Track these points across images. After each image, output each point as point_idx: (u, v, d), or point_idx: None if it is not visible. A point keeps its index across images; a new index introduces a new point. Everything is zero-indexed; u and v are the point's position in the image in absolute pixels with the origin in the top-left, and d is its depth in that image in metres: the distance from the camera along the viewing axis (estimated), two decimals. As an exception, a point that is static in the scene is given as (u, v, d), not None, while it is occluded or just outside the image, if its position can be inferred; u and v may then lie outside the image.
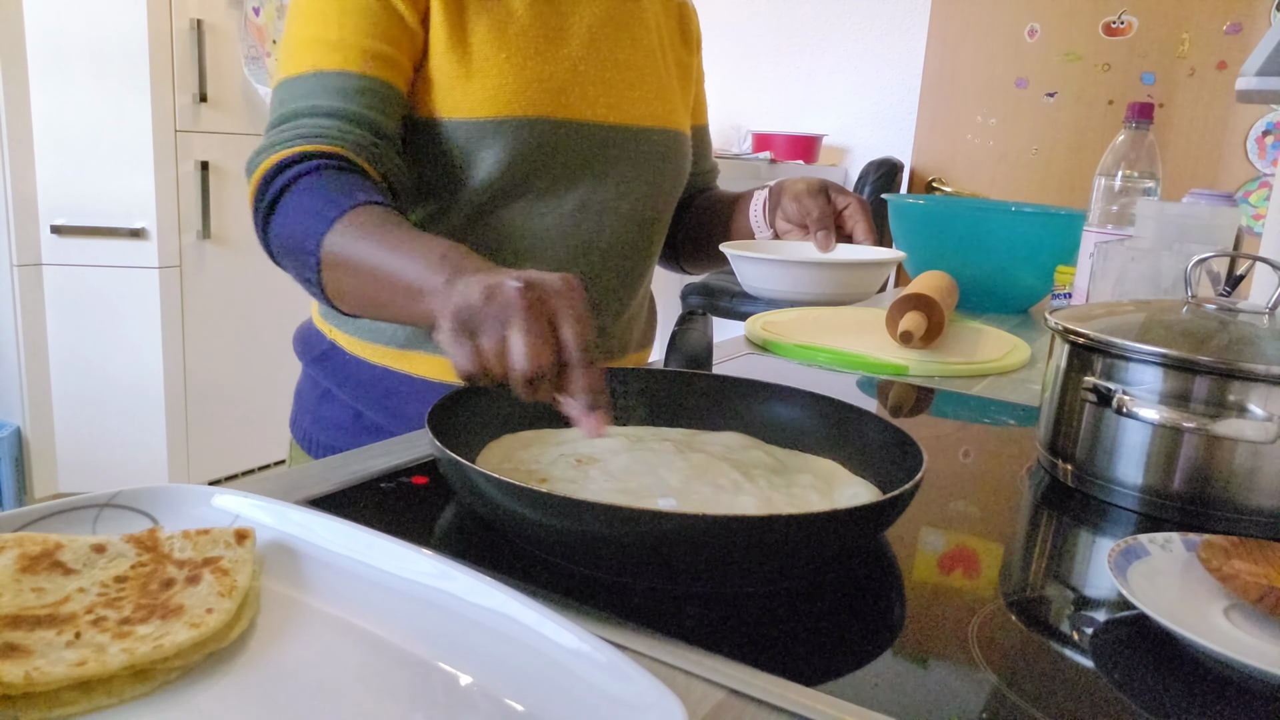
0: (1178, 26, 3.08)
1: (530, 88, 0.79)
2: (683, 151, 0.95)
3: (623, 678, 0.35)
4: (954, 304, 1.26)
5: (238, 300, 2.38)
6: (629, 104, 0.86)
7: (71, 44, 2.10)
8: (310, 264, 0.70)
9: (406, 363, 0.85)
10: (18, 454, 2.21)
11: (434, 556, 0.43)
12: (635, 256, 0.91)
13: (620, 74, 0.86)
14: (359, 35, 0.76)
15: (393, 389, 0.85)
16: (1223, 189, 2.72)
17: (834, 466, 0.62)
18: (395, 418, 0.86)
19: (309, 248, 0.69)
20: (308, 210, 0.70)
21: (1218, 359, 0.59)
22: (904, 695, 0.39)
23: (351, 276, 0.68)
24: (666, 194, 0.94)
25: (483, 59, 0.78)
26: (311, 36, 0.77)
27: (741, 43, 3.89)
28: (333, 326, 0.90)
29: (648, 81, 0.89)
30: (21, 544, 0.41)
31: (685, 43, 0.99)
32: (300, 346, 0.94)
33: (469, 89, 0.78)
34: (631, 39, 0.88)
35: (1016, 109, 3.37)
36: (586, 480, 0.57)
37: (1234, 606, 0.47)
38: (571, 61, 0.82)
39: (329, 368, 0.89)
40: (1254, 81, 0.99)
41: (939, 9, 3.45)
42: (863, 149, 3.71)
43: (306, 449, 0.92)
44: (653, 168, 0.90)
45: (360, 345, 0.87)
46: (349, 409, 0.88)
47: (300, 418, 0.93)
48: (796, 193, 0.90)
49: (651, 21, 0.92)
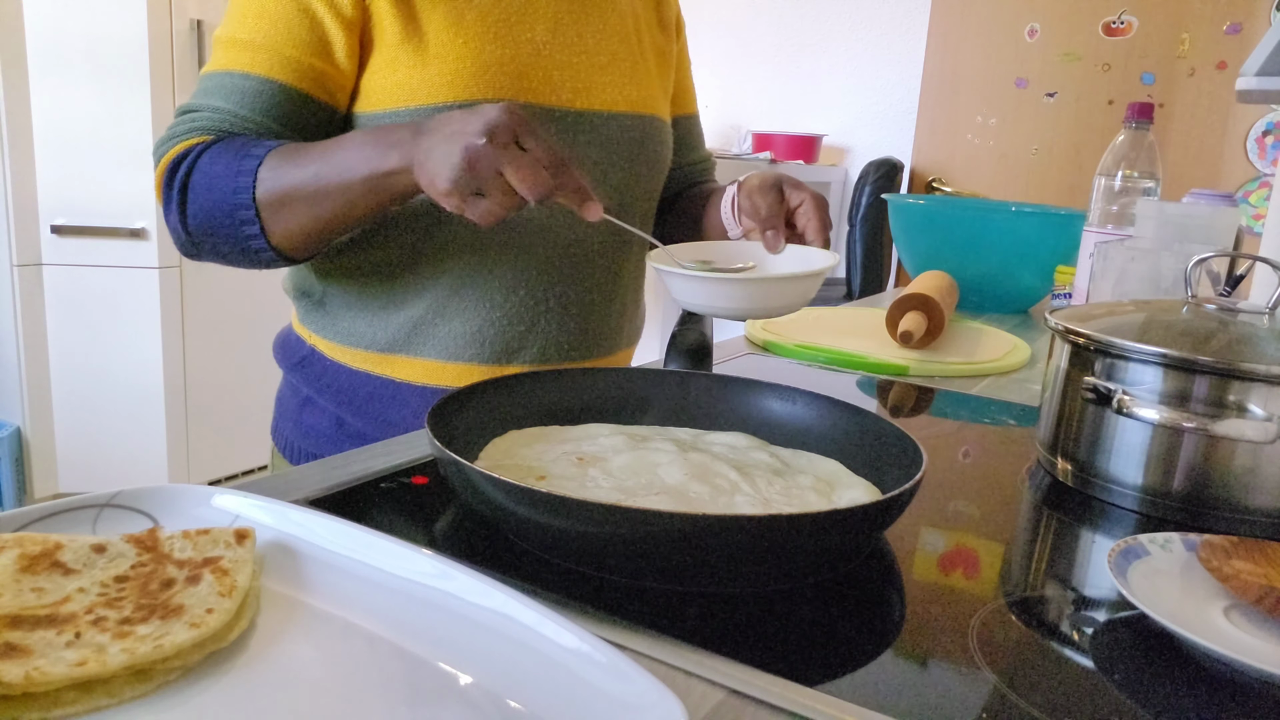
0: (1178, 26, 3.08)
1: (489, 71, 0.78)
2: (661, 138, 0.93)
3: (623, 678, 0.35)
4: (954, 304, 1.26)
5: (238, 300, 2.38)
6: (599, 88, 0.85)
7: (71, 44, 2.10)
8: (248, 217, 0.71)
9: (388, 367, 0.84)
10: (18, 454, 2.21)
11: (434, 556, 0.42)
12: (616, 248, 0.89)
13: (589, 58, 0.84)
14: (271, 40, 0.75)
15: (374, 394, 0.85)
16: (1223, 189, 2.72)
17: (837, 467, 0.62)
18: (378, 423, 0.85)
19: (242, 201, 0.71)
20: (222, 175, 0.72)
21: (1218, 359, 0.59)
22: (904, 695, 0.39)
23: (301, 205, 0.70)
24: (646, 181, 0.92)
25: (440, 45, 0.77)
26: (228, 36, 0.77)
27: (741, 43, 3.89)
28: (312, 332, 0.88)
29: (620, 65, 0.87)
30: (21, 544, 0.41)
31: (663, 28, 0.97)
32: (280, 353, 0.92)
33: (426, 75, 0.77)
34: (601, 23, 0.86)
35: (1016, 109, 3.37)
36: (585, 479, 0.57)
37: (1234, 606, 0.47)
38: (534, 45, 0.81)
39: (309, 374, 0.88)
40: (1254, 81, 0.99)
41: (939, 9, 3.45)
42: (863, 149, 3.71)
43: (288, 457, 0.91)
44: (627, 154, 0.88)
45: (340, 350, 0.86)
46: (330, 415, 0.87)
47: (281, 425, 0.92)
48: (750, 189, 0.86)
49: (625, 6, 0.90)
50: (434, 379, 0.83)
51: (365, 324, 0.84)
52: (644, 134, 0.89)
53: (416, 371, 0.83)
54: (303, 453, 0.89)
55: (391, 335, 0.83)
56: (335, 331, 0.86)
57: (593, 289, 0.87)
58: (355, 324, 0.84)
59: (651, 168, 0.92)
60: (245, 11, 0.76)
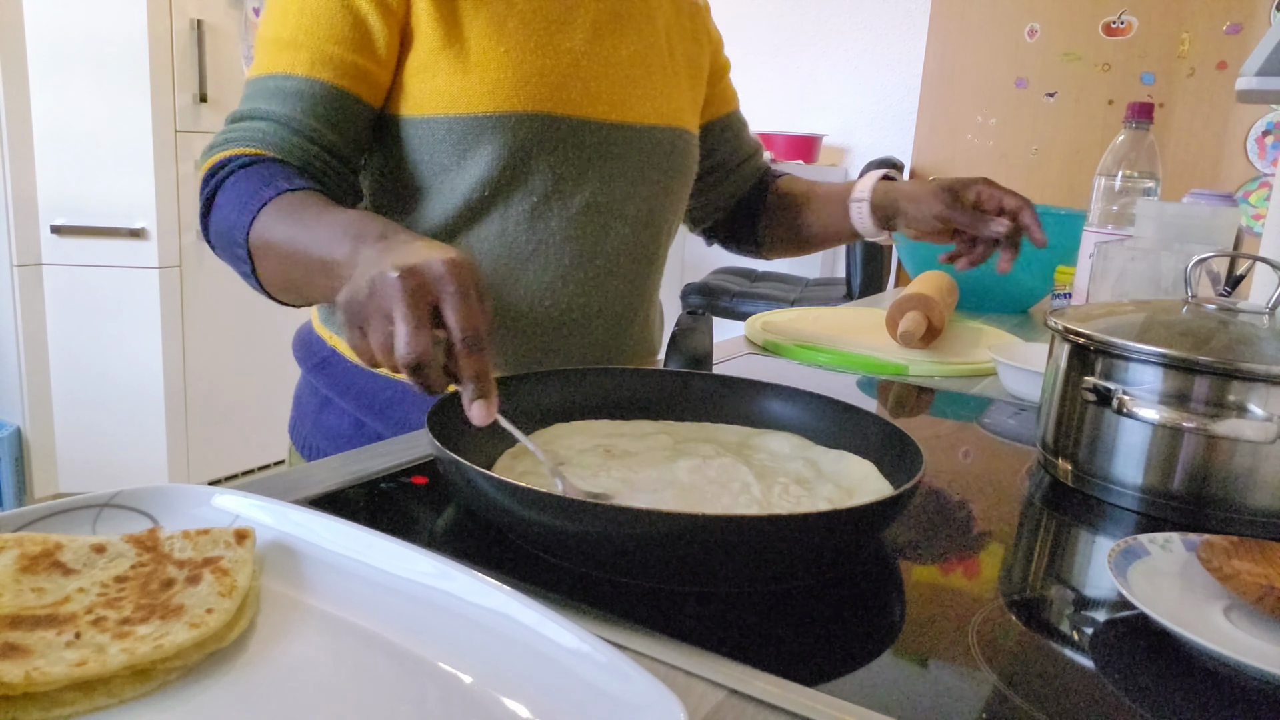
0: (1178, 26, 3.08)
1: (529, 82, 0.78)
2: (689, 151, 0.93)
3: (623, 678, 0.35)
4: (954, 304, 1.26)
5: (238, 300, 2.38)
6: (633, 101, 0.85)
7: (71, 44, 2.10)
8: (241, 255, 0.71)
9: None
10: (18, 454, 2.21)
11: (434, 556, 0.43)
12: (642, 260, 0.89)
13: (624, 70, 0.84)
14: (312, 37, 0.75)
15: (394, 398, 0.84)
16: (1223, 189, 2.72)
17: (868, 472, 0.60)
18: (398, 426, 0.84)
19: (238, 239, 0.71)
20: (234, 204, 0.71)
21: (1218, 359, 0.59)
22: (904, 695, 0.39)
23: (276, 261, 0.69)
24: (674, 195, 0.92)
25: (480, 53, 0.77)
26: (270, 36, 0.77)
27: (741, 43, 3.89)
28: (333, 333, 0.88)
29: (653, 78, 0.87)
30: (21, 544, 0.41)
31: (695, 40, 0.97)
32: (300, 352, 0.92)
33: (466, 83, 0.77)
34: (637, 34, 0.86)
35: (1016, 109, 3.37)
36: (600, 470, 0.58)
37: (1234, 606, 0.47)
38: (573, 56, 0.81)
39: (329, 375, 0.88)
40: (1254, 81, 0.99)
41: (939, 9, 3.45)
42: (863, 149, 3.71)
43: (307, 456, 0.91)
44: (659, 168, 0.88)
45: None
46: (350, 417, 0.87)
47: (300, 424, 0.92)
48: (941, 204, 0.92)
49: (659, 18, 0.90)
50: (454, 382, 0.83)
51: None
52: (675, 147, 0.90)
53: None
54: (321, 453, 0.89)
55: None
56: None
57: (616, 301, 0.87)
58: None
59: (681, 182, 0.93)
60: (286, 9, 0.76)
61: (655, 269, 0.93)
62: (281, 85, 0.75)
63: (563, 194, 0.82)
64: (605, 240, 0.85)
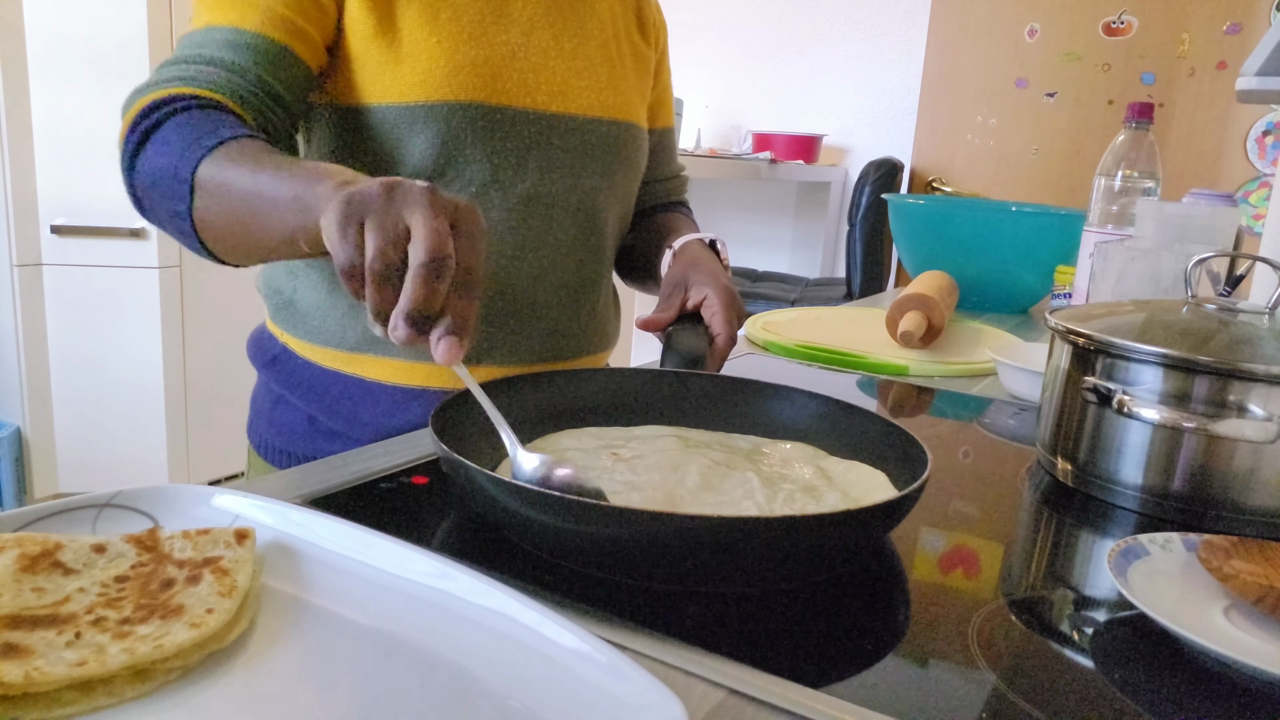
0: (1178, 26, 3.08)
1: (462, 71, 0.78)
2: (637, 145, 0.92)
3: (623, 678, 0.35)
4: (954, 304, 1.26)
5: (237, 300, 2.38)
6: (575, 93, 0.84)
7: (71, 44, 2.10)
8: (181, 193, 0.67)
9: (357, 366, 0.83)
10: (18, 454, 2.21)
11: (434, 556, 0.43)
12: (588, 252, 0.89)
13: (565, 62, 0.84)
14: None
15: (345, 393, 0.84)
16: (1223, 189, 2.72)
17: (880, 482, 0.60)
18: (349, 422, 0.84)
19: (182, 175, 0.66)
20: (181, 141, 0.67)
21: (1218, 359, 0.59)
22: (904, 695, 0.39)
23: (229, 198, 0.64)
24: (619, 188, 0.91)
25: (413, 43, 0.77)
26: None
27: (741, 43, 3.89)
28: (284, 330, 0.88)
29: (597, 70, 0.87)
30: (21, 544, 0.41)
31: (643, 34, 0.97)
32: (253, 351, 0.92)
33: (399, 73, 0.77)
34: (579, 27, 0.86)
35: (1016, 109, 3.37)
36: (603, 473, 0.58)
37: (1234, 606, 0.47)
38: (510, 47, 0.80)
39: (281, 372, 0.88)
40: (1254, 81, 0.99)
41: (939, 9, 3.45)
42: (863, 149, 3.71)
43: (263, 455, 0.90)
44: (603, 160, 0.87)
45: (310, 349, 0.85)
46: (303, 414, 0.87)
47: (256, 423, 0.91)
48: (672, 283, 0.85)
49: (604, 11, 0.90)
50: (404, 379, 0.83)
51: (335, 323, 0.84)
52: (621, 140, 0.89)
53: (386, 371, 0.83)
54: (277, 450, 0.89)
55: (360, 334, 0.83)
56: (305, 330, 0.85)
57: (563, 291, 0.87)
58: (325, 323, 0.84)
59: (628, 174, 0.92)
60: None
61: (603, 260, 0.92)
62: (232, 38, 0.73)
63: (502, 184, 0.81)
64: (549, 231, 0.84)
